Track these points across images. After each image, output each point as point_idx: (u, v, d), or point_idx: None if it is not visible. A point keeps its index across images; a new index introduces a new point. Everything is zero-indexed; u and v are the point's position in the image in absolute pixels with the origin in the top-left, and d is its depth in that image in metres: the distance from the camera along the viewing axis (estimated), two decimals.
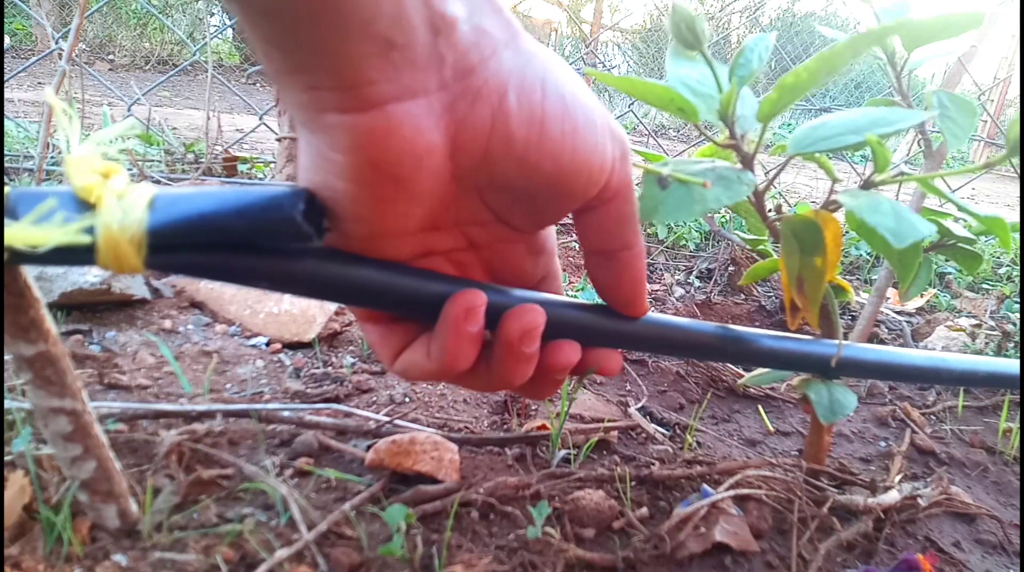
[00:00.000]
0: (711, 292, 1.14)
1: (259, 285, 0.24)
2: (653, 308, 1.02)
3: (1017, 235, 0.44)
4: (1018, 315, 1.16)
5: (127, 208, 0.22)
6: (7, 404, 0.48)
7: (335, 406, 0.61)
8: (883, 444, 0.72)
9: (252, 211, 0.22)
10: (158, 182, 1.20)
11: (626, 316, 0.30)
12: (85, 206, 0.22)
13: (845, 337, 0.41)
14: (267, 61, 0.21)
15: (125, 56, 4.87)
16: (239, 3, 0.19)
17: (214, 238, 0.22)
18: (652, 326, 0.31)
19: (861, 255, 1.50)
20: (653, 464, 0.58)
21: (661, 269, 1.28)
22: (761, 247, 0.52)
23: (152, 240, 0.22)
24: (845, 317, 1.14)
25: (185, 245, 0.23)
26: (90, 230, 0.21)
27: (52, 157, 1.19)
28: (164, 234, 0.22)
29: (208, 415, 0.56)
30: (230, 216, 0.22)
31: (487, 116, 0.22)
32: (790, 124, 4.99)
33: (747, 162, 0.36)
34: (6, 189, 0.22)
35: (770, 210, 0.41)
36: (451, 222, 0.27)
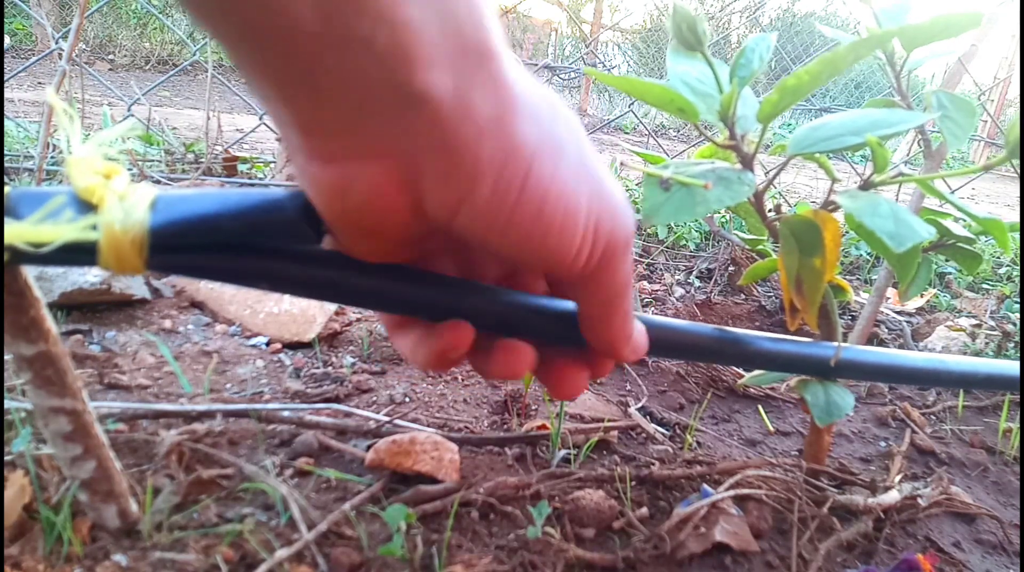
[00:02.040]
0: (711, 292, 1.14)
1: (260, 286, 0.24)
2: (653, 308, 1.02)
3: (1016, 236, 0.44)
4: (1018, 315, 1.16)
5: (129, 209, 0.22)
6: (7, 404, 0.48)
7: (335, 406, 0.61)
8: (883, 444, 0.72)
9: (253, 212, 0.22)
10: (158, 182, 1.20)
11: None
12: (86, 207, 0.22)
13: (844, 337, 0.41)
14: (245, 79, 0.21)
15: (125, 56, 4.86)
16: (207, 20, 0.18)
17: (215, 239, 0.22)
18: (650, 329, 0.31)
19: (861, 255, 1.50)
20: (653, 464, 0.58)
21: (661, 269, 1.28)
22: (761, 247, 0.52)
23: (154, 241, 0.22)
24: (845, 317, 1.14)
25: (186, 246, 0.23)
26: (92, 230, 0.21)
27: (52, 157, 1.19)
28: (166, 235, 0.22)
29: (208, 415, 0.56)
30: (231, 217, 0.22)
31: (454, 198, 0.21)
32: (790, 124, 4.99)
33: (747, 162, 0.36)
34: (6, 189, 0.22)
35: (770, 210, 0.41)
36: (438, 236, 0.26)
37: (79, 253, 0.22)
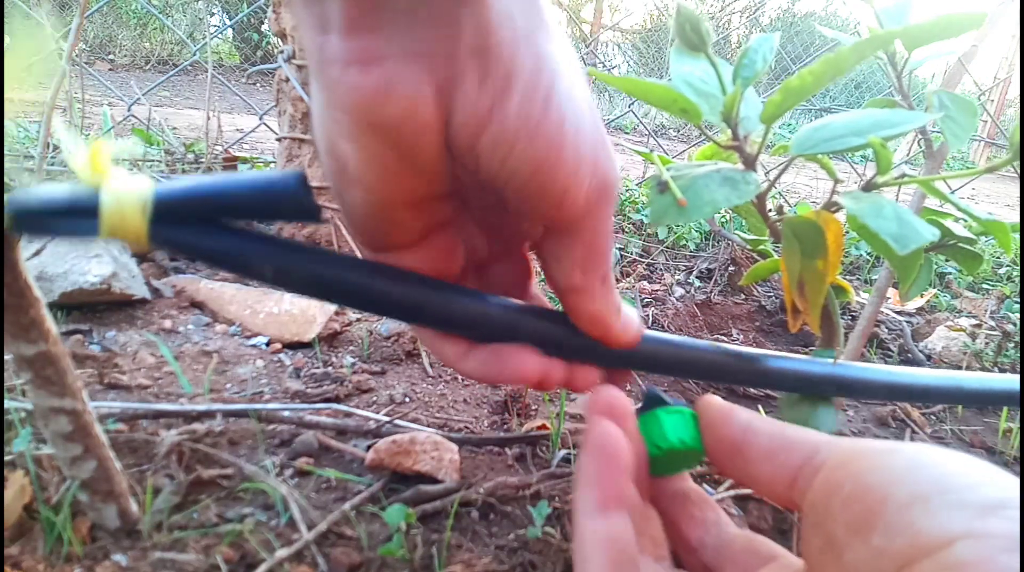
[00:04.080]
0: (711, 292, 1.14)
1: (262, 273, 0.24)
2: (653, 308, 1.02)
3: (1017, 236, 0.44)
4: (1018, 315, 1.16)
5: (132, 182, 0.22)
6: (7, 404, 0.48)
7: (335, 406, 0.61)
8: None
9: (257, 186, 0.23)
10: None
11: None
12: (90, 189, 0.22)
13: (845, 337, 0.41)
14: None
15: (125, 56, 4.87)
16: None
17: (219, 209, 0.23)
18: (644, 345, 0.30)
19: (861, 255, 1.50)
20: None
21: (661, 269, 1.28)
22: (762, 247, 0.52)
23: (157, 207, 0.22)
24: (845, 317, 1.14)
25: (191, 216, 0.23)
26: (95, 196, 0.22)
27: (52, 157, 1.19)
28: (170, 202, 0.22)
29: (208, 415, 0.56)
30: (235, 188, 0.23)
31: (486, 105, 0.22)
32: (790, 124, 4.99)
33: (750, 163, 0.36)
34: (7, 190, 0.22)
35: (770, 210, 0.41)
36: (450, 192, 0.26)
37: (81, 218, 0.22)
